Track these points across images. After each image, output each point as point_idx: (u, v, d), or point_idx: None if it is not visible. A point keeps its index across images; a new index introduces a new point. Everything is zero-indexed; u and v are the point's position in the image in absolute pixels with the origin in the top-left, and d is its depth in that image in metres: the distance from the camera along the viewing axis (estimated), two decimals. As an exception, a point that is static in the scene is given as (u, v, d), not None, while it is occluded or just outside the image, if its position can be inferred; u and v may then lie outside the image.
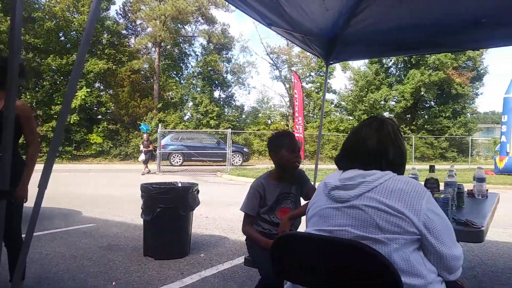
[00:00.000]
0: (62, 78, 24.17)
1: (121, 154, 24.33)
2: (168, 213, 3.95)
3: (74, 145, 23.38)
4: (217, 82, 30.16)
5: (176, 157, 19.08)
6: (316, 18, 3.30)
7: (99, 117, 26.13)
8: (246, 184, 8.61)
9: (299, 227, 2.58)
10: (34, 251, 4.14)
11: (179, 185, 4.47)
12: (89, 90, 23.95)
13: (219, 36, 28.84)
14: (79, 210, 6.83)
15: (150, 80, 29.01)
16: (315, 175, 4.72)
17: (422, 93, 29.35)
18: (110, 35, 26.13)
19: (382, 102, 30.52)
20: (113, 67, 25.28)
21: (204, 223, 5.95)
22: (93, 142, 23.86)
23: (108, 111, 26.25)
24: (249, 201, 2.49)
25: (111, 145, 24.43)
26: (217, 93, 31.03)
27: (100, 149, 24.04)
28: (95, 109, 25.86)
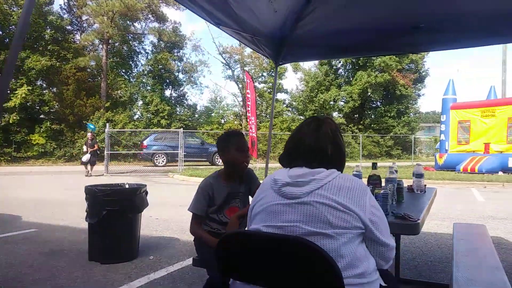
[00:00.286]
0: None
1: (66, 155, 23.18)
2: (114, 216, 3.82)
3: (14, 146, 21.93)
4: (168, 80, 29.60)
5: (160, 157, 19.04)
6: (264, 19, 3.34)
7: (42, 116, 24.67)
8: (198, 184, 8.50)
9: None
10: (-34, 261, 3.84)
11: (126, 186, 4.34)
12: (31, 88, 22.61)
13: (170, 34, 28.31)
14: (18, 214, 6.41)
15: (97, 78, 27.87)
16: (265, 173, 4.77)
17: (369, 93, 30.63)
18: (53, 31, 24.70)
19: (331, 102, 31.47)
20: (57, 64, 24.02)
21: (154, 224, 5.82)
22: (35, 143, 22.50)
23: (51, 110, 24.85)
24: (197, 201, 2.47)
25: (55, 146, 23.19)
26: (168, 92, 30.49)
27: (42, 150, 22.73)
28: (37, 108, 24.41)
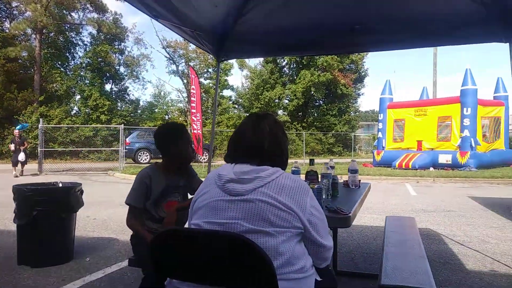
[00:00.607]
0: None
1: (-6, 153, 21.50)
2: (46, 216, 3.59)
3: None
4: (108, 74, 28.36)
5: (143, 154, 19.00)
6: (205, 13, 3.30)
7: (-34, 110, 22.65)
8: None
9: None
10: None
11: (60, 185, 4.10)
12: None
13: (110, 25, 27.11)
14: None
15: (30, 70, 26.04)
16: (208, 170, 4.72)
17: (312, 92, 31.51)
18: (-22, 18, 22.75)
19: (276, 100, 31.98)
20: (-18, 54, 22.14)
21: (91, 225, 5.56)
22: (-43, 139, 20.62)
23: (-23, 103, 22.88)
24: (135, 192, 2.37)
25: (-19, 143, 21.42)
26: (108, 86, 29.22)
27: (-34, 148, 20.91)
28: (-41, 101, 22.37)
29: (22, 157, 13.41)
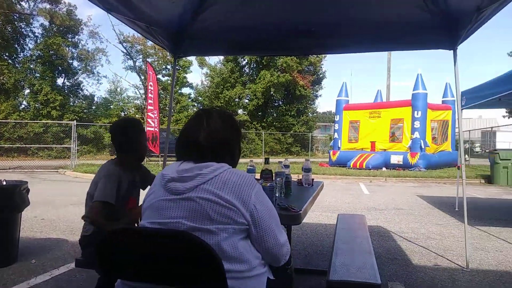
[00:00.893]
0: None
1: None
2: (-13, 217, 3.38)
3: None
4: (60, 68, 27.04)
5: None
6: (161, 9, 3.24)
7: None
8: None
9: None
10: None
11: (4, 183, 3.87)
12: None
13: (64, 17, 25.88)
14: None
15: (-27, 61, 24.38)
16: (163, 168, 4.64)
17: (271, 92, 31.81)
18: None
19: (236, 99, 31.99)
20: None
21: (39, 225, 5.29)
22: None
23: None
24: (107, 188, 2.24)
25: None
26: (60, 81, 27.87)
27: None
28: None
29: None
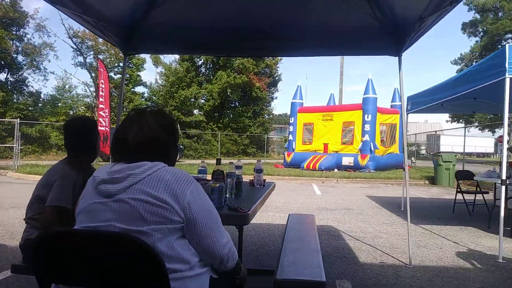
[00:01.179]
0: None
1: None
2: None
3: None
4: (3, 62, 25.44)
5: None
6: (111, 4, 3.12)
7: None
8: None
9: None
10: None
11: None
12: None
13: (7, 8, 24.37)
14: None
15: None
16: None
17: (228, 93, 31.77)
18: None
19: (192, 99, 31.63)
20: None
21: (-27, 230, 4.93)
22: None
23: None
24: (64, 191, 2.11)
25: None
26: (3, 76, 26.24)
27: None
28: None
29: None
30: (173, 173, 1.29)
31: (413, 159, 22.24)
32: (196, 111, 32.61)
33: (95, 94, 27.54)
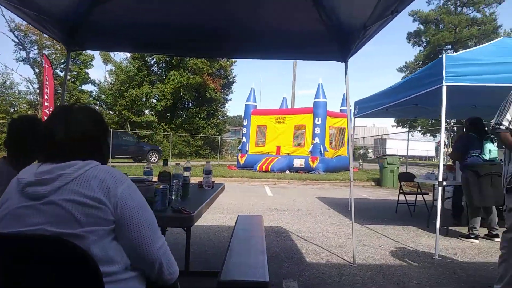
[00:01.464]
0: None
1: None
2: None
3: None
4: None
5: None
6: (54, -4, 2.98)
7: None
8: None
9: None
10: None
11: None
12: None
13: None
14: None
15: None
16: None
17: (181, 94, 31.29)
18: None
19: (143, 99, 30.83)
20: None
21: None
22: None
23: None
24: None
25: None
26: None
27: None
28: None
29: None
30: (106, 171, 1.24)
31: (360, 161, 23.12)
32: (147, 111, 31.81)
33: (38, 91, 26.06)
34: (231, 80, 35.58)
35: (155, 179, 2.58)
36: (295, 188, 12.25)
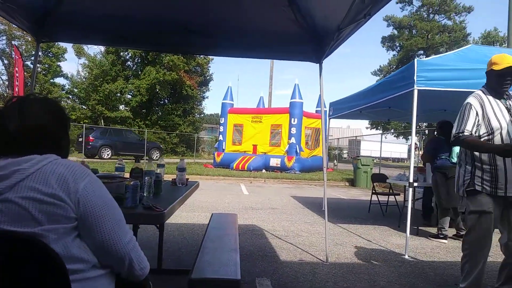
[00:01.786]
0: None
1: None
2: None
3: None
4: None
5: (105, 151, 20.62)
6: (22, -16, 2.87)
7: None
8: None
9: None
10: None
11: None
12: None
13: None
14: None
15: None
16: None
17: (157, 90, 30.85)
18: None
19: (118, 94, 30.22)
20: None
21: None
22: None
23: None
24: None
25: None
26: None
27: None
28: None
29: None
30: (66, 165, 1.18)
31: (335, 162, 23.44)
32: (122, 107, 31.20)
33: (7, 83, 25.15)
34: (208, 77, 35.37)
35: (128, 175, 2.53)
36: (271, 187, 12.30)
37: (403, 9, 47.08)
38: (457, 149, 5.17)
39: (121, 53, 30.54)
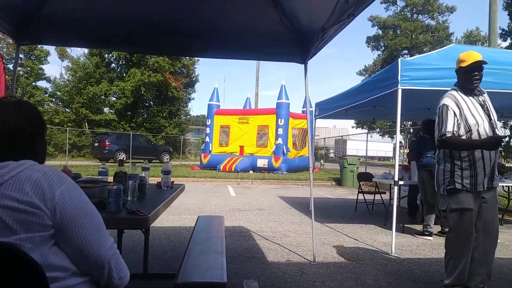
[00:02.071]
0: None
1: None
2: None
3: None
4: None
5: (120, 155, 21.63)
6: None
7: None
8: None
9: None
10: None
11: None
12: None
13: None
14: None
15: None
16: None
17: (142, 92, 30.54)
18: None
19: (102, 96, 29.83)
20: None
21: None
22: None
23: None
24: None
25: None
26: None
27: None
28: None
29: None
30: (42, 171, 1.14)
31: (322, 161, 23.58)
32: (106, 109, 30.78)
33: (-12, 86, 24.56)
34: (194, 79, 35.17)
35: (111, 179, 2.50)
36: (258, 188, 12.29)
37: (387, 9, 47.78)
38: (440, 148, 5.25)
39: (105, 55, 30.13)
